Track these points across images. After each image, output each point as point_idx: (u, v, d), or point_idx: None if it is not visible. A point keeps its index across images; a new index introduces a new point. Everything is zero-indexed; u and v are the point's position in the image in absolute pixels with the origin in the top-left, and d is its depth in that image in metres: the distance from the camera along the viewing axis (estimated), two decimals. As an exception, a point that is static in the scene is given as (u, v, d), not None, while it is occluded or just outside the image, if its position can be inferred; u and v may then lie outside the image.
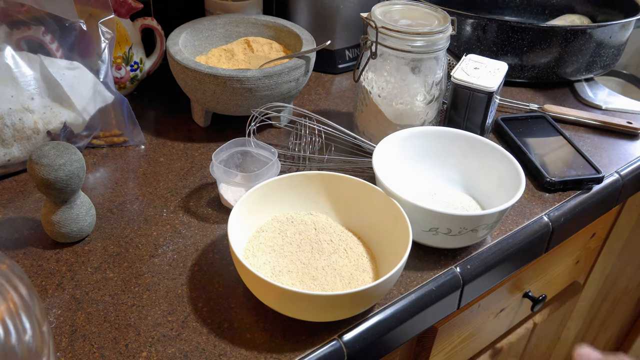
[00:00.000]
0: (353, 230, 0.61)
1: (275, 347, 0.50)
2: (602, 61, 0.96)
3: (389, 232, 0.58)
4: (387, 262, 0.57)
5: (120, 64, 0.81)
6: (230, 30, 0.85)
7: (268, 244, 0.57)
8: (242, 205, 0.57)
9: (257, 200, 0.59)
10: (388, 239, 0.58)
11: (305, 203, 0.62)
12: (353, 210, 0.62)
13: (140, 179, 0.70)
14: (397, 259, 0.53)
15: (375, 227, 0.60)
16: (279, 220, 0.60)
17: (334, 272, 0.55)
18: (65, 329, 0.51)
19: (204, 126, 0.80)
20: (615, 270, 1.13)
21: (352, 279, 0.55)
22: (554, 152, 0.78)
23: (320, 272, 0.55)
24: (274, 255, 0.56)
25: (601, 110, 0.91)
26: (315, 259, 0.56)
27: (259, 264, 0.55)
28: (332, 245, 0.58)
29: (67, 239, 0.59)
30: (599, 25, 0.91)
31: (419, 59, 0.69)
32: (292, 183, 0.61)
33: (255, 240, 0.58)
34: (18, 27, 0.68)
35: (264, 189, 0.59)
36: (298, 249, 0.57)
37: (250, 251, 0.57)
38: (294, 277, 0.54)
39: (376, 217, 0.60)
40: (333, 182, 0.61)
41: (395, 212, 0.57)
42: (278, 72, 0.71)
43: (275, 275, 0.54)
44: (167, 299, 0.54)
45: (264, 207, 0.60)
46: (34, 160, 0.54)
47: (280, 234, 0.59)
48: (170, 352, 0.49)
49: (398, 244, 0.55)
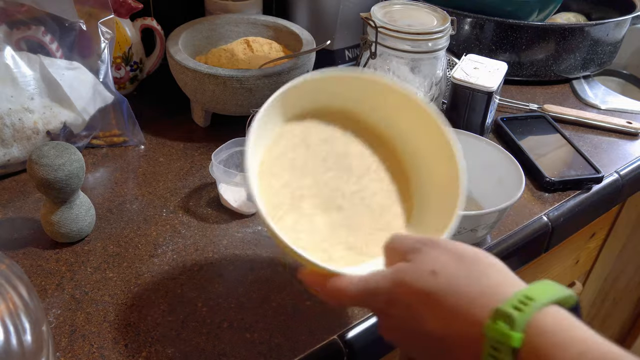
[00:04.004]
0: (389, 140, 0.52)
1: (275, 347, 0.50)
2: (598, 59, 0.96)
3: (432, 157, 0.49)
4: (426, 189, 0.49)
5: (120, 64, 0.81)
6: (230, 30, 0.85)
7: (288, 155, 0.48)
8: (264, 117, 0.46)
9: (281, 104, 0.48)
10: (431, 162, 0.49)
11: (333, 101, 0.51)
12: (394, 124, 0.52)
13: (140, 179, 0.70)
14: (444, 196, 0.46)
15: (416, 149, 0.51)
16: (301, 124, 0.50)
17: (363, 203, 0.48)
18: (65, 328, 0.51)
19: (204, 126, 0.80)
20: (615, 270, 1.13)
21: (382, 213, 0.49)
22: (553, 152, 0.78)
23: (347, 200, 0.48)
24: (295, 173, 0.48)
25: (601, 110, 0.91)
26: (343, 180, 0.49)
27: (277, 186, 0.47)
28: (363, 161, 0.50)
29: (67, 238, 0.59)
30: (596, 23, 0.91)
31: (418, 59, 0.69)
32: (323, 86, 0.49)
33: (273, 150, 0.48)
34: (18, 27, 0.68)
35: (288, 93, 0.47)
36: (323, 165, 0.49)
37: (267, 164, 0.47)
38: (317, 204, 0.47)
39: (418, 140, 0.50)
40: (372, 91, 0.50)
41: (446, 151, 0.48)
42: (278, 72, 0.71)
43: (294, 201, 0.47)
44: (166, 299, 0.54)
45: (283, 112, 0.49)
46: (33, 160, 0.54)
47: (303, 142, 0.49)
48: (170, 352, 0.49)
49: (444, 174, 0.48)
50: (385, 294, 0.39)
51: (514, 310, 0.33)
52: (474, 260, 0.37)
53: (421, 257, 0.39)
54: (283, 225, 0.46)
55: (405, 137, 0.52)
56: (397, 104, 0.50)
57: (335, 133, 0.50)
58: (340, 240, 0.48)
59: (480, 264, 0.37)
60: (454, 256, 0.38)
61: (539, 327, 0.32)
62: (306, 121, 0.50)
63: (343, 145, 0.50)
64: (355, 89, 0.50)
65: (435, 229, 0.47)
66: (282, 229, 0.45)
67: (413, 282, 0.37)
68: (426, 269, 0.37)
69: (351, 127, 0.52)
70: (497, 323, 0.33)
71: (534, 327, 0.32)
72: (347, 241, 0.48)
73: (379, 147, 0.52)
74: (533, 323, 0.32)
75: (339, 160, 0.49)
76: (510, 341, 0.32)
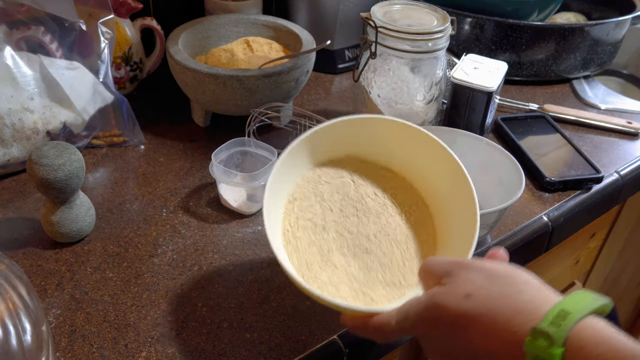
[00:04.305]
0: (396, 171, 0.53)
1: (275, 347, 0.50)
2: (598, 58, 0.96)
3: (441, 181, 0.51)
4: (445, 210, 0.50)
5: (119, 64, 0.81)
6: (230, 30, 0.85)
7: (306, 217, 0.50)
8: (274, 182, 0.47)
9: (288, 164, 0.49)
10: (441, 185, 0.50)
11: (334, 152, 0.53)
12: (395, 154, 0.53)
13: (140, 179, 0.70)
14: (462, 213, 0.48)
15: (424, 170, 0.52)
16: (309, 180, 0.51)
17: (388, 238, 0.50)
18: (65, 328, 0.51)
19: (204, 126, 0.80)
20: (615, 270, 1.13)
21: (408, 242, 0.50)
22: (553, 152, 0.78)
23: (373, 241, 0.49)
24: (317, 230, 0.49)
25: (601, 110, 0.91)
26: (364, 223, 0.50)
27: (303, 246, 0.49)
28: (377, 200, 0.51)
29: (67, 238, 0.59)
30: (596, 23, 0.91)
31: (418, 59, 0.69)
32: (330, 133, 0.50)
33: (291, 214, 0.50)
34: (18, 27, 0.68)
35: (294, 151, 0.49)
36: (341, 215, 0.50)
37: (290, 232, 0.49)
38: (346, 253, 0.49)
39: (425, 163, 0.52)
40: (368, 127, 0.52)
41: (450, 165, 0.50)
42: (278, 72, 0.71)
43: (324, 256, 0.49)
44: (166, 299, 0.54)
45: (290, 170, 0.50)
46: (33, 160, 0.54)
47: (317, 199, 0.51)
48: (170, 352, 0.49)
49: (457, 193, 0.49)
50: (424, 320, 0.40)
51: (551, 327, 0.33)
52: (508, 279, 0.38)
53: (455, 280, 0.40)
54: (320, 283, 0.48)
55: (410, 164, 0.53)
56: (397, 136, 0.52)
57: (344, 180, 0.52)
58: (378, 280, 0.49)
59: (514, 282, 0.38)
60: (488, 277, 0.38)
61: (578, 340, 0.33)
62: (314, 176, 0.52)
63: (354, 190, 0.52)
64: (354, 131, 0.52)
65: (461, 248, 0.48)
66: (320, 286, 0.47)
67: (448, 305, 0.38)
68: (460, 292, 0.38)
69: (358, 168, 0.53)
70: (536, 340, 0.33)
71: (573, 341, 0.33)
72: (384, 279, 0.49)
73: (389, 179, 0.53)
74: (572, 337, 0.33)
75: (355, 205, 0.51)
76: (552, 358, 0.33)
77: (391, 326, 0.42)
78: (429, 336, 0.40)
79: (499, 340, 0.36)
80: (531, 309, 0.35)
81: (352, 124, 0.51)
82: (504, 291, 0.37)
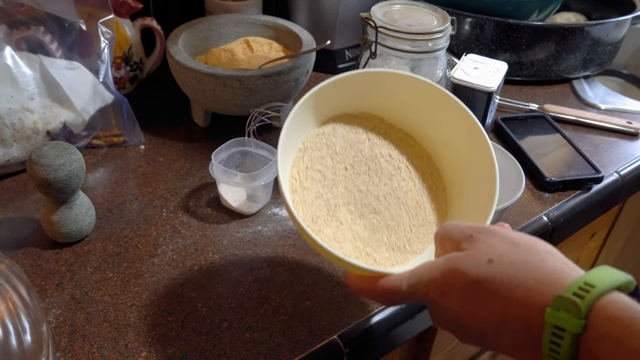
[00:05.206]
0: (413, 136, 0.52)
1: (275, 347, 0.50)
2: (598, 58, 0.97)
3: (460, 148, 0.49)
4: (458, 183, 0.49)
5: (119, 64, 0.81)
6: (230, 30, 0.85)
7: (316, 168, 0.48)
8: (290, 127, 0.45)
9: (302, 114, 0.47)
10: (459, 154, 0.49)
11: (352, 106, 0.51)
12: (414, 115, 0.51)
13: (140, 179, 0.70)
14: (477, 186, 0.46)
15: (443, 137, 0.50)
16: (323, 132, 0.49)
17: (398, 202, 0.48)
18: (65, 328, 0.51)
19: (204, 126, 0.80)
20: (615, 270, 1.13)
21: (418, 209, 0.49)
22: (553, 152, 0.78)
23: (382, 202, 0.48)
24: (326, 183, 0.48)
25: (601, 110, 0.91)
26: (374, 183, 0.49)
27: (310, 198, 0.47)
28: (391, 162, 0.50)
29: (67, 238, 0.59)
30: (596, 23, 0.91)
31: (418, 59, 0.69)
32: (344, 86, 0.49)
33: (300, 164, 0.48)
34: (17, 27, 0.68)
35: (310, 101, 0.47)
36: (352, 171, 0.48)
37: (297, 181, 0.47)
38: (353, 211, 0.47)
39: (444, 128, 0.50)
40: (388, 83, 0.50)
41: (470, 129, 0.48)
42: (278, 72, 0.71)
43: (330, 211, 0.47)
44: (166, 299, 0.54)
45: (305, 120, 0.48)
46: (33, 160, 0.54)
47: (329, 151, 0.49)
48: (170, 352, 0.49)
49: (475, 165, 0.47)
50: (438, 285, 0.38)
51: (575, 297, 0.32)
52: (531, 248, 0.37)
53: (477, 245, 0.38)
54: (324, 237, 0.47)
55: (433, 129, 0.51)
56: (418, 96, 0.50)
57: (360, 136, 0.50)
58: (383, 241, 0.48)
59: (537, 251, 0.37)
60: (511, 244, 0.38)
61: (602, 313, 0.32)
62: (329, 128, 0.50)
63: (369, 148, 0.50)
64: (375, 86, 0.50)
65: (475, 220, 0.46)
66: (325, 241, 0.46)
67: (468, 270, 0.37)
68: (482, 258, 0.37)
69: (376, 127, 0.51)
70: (559, 310, 0.33)
71: (596, 313, 0.32)
72: (390, 242, 0.48)
73: (406, 143, 0.51)
74: (596, 310, 0.32)
75: (367, 163, 0.49)
76: (573, 328, 0.32)
77: (402, 290, 0.40)
78: (440, 303, 0.39)
79: (518, 309, 0.35)
80: (554, 279, 0.35)
81: (372, 78, 0.49)
82: (526, 259, 0.36)
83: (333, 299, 0.55)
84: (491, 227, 0.40)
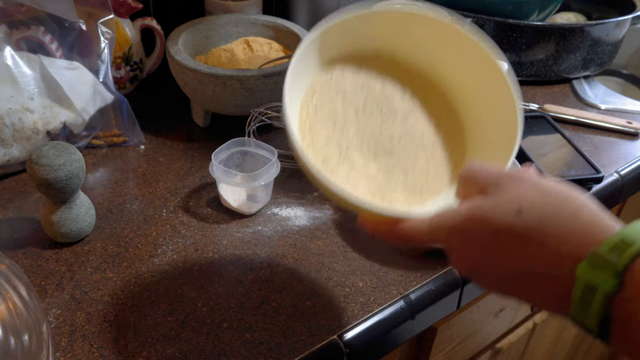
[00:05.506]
0: (428, 75, 0.49)
1: (275, 347, 0.50)
2: (598, 58, 0.97)
3: (478, 88, 0.47)
4: (478, 121, 0.46)
5: (119, 64, 0.81)
6: (230, 30, 0.85)
7: (325, 111, 0.46)
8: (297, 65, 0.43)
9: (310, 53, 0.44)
10: (478, 94, 0.47)
11: (362, 47, 0.48)
12: (427, 56, 0.48)
13: (140, 179, 0.70)
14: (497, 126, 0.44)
15: (459, 77, 0.48)
16: (332, 74, 0.47)
17: (413, 142, 0.46)
18: (65, 328, 0.51)
19: (204, 126, 0.80)
20: (615, 270, 1.13)
21: (435, 149, 0.46)
22: (553, 152, 0.78)
23: (397, 144, 0.46)
24: (336, 127, 0.45)
25: (601, 110, 0.91)
26: (388, 124, 0.46)
27: (320, 143, 0.45)
28: (404, 102, 0.47)
29: (67, 238, 0.59)
30: (596, 23, 0.91)
31: (418, 59, 0.69)
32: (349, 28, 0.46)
33: (309, 107, 0.46)
34: (17, 27, 0.68)
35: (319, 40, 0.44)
36: (364, 113, 0.46)
37: (306, 125, 0.45)
38: (366, 153, 0.45)
39: (461, 68, 0.47)
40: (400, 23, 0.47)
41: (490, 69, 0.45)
42: (278, 72, 0.71)
43: (342, 154, 0.45)
44: (166, 299, 0.54)
45: (312, 61, 0.46)
46: (33, 160, 0.54)
47: (338, 94, 0.47)
48: (170, 352, 0.49)
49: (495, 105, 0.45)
50: (461, 232, 0.37)
51: (611, 254, 0.31)
52: (565, 199, 0.35)
53: (505, 192, 0.36)
54: (336, 180, 0.44)
55: (448, 69, 0.49)
56: (435, 36, 0.47)
57: (371, 77, 0.47)
58: (398, 183, 0.46)
59: (571, 202, 0.35)
60: (543, 193, 0.35)
61: (638, 271, 0.30)
62: (338, 69, 0.47)
63: (381, 88, 0.47)
64: (389, 26, 0.47)
65: (497, 161, 0.44)
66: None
67: (494, 219, 0.35)
68: (511, 207, 0.35)
69: (387, 68, 0.49)
70: (592, 267, 0.31)
71: (633, 273, 0.30)
72: (406, 183, 0.46)
73: (420, 85, 0.49)
74: (632, 268, 0.30)
75: (380, 105, 0.46)
76: (608, 286, 0.30)
77: (422, 234, 0.38)
78: (460, 251, 0.37)
79: (547, 262, 0.33)
80: (588, 232, 0.33)
81: (384, 18, 0.46)
82: (558, 210, 0.34)
83: (333, 299, 0.55)
84: (520, 172, 0.37)
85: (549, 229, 0.34)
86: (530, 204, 0.35)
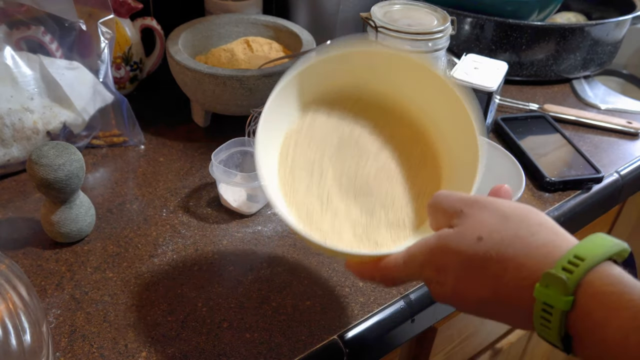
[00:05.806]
0: (394, 109, 0.50)
1: (275, 347, 0.50)
2: (598, 59, 0.97)
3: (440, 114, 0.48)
4: (447, 147, 0.47)
5: (119, 64, 0.81)
6: (230, 30, 0.85)
7: (300, 165, 0.47)
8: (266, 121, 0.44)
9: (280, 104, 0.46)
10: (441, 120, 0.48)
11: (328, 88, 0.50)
12: (391, 89, 0.50)
13: (140, 179, 0.70)
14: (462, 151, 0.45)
15: (422, 106, 0.49)
16: (301, 127, 0.48)
17: (389, 178, 0.47)
18: (65, 328, 0.51)
19: (204, 126, 0.80)
20: (615, 270, 1.13)
21: (411, 181, 0.47)
22: (553, 152, 0.78)
23: (373, 182, 0.47)
24: (314, 177, 0.47)
25: (601, 110, 0.91)
26: (362, 165, 0.47)
27: (300, 197, 0.46)
28: (375, 139, 0.49)
29: (67, 238, 0.59)
30: (596, 23, 0.92)
31: (418, 59, 0.69)
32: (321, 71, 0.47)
33: (287, 157, 0.47)
34: (17, 27, 0.68)
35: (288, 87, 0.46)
36: (337, 158, 0.47)
37: (286, 181, 0.47)
38: (346, 197, 0.46)
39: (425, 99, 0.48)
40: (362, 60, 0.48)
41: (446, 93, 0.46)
42: (278, 72, 0.71)
43: (324, 204, 0.46)
44: (166, 299, 0.54)
45: (282, 110, 0.47)
46: (33, 160, 0.54)
47: (312, 141, 0.48)
48: (170, 352, 0.49)
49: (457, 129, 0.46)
50: (432, 264, 0.38)
51: (563, 273, 0.32)
52: (522, 221, 0.36)
53: (467, 221, 0.38)
54: (323, 232, 0.46)
55: (409, 98, 0.50)
56: (395, 69, 0.49)
57: (339, 121, 0.49)
58: (381, 221, 0.47)
59: (528, 224, 0.36)
60: (502, 218, 0.37)
61: (590, 288, 0.31)
62: (310, 114, 0.49)
63: (350, 129, 0.49)
64: (350, 65, 0.49)
65: (465, 182, 0.45)
66: (324, 236, 0.45)
67: (458, 248, 0.37)
68: (472, 235, 0.36)
69: (354, 107, 0.50)
70: (547, 287, 0.32)
71: (585, 288, 0.31)
72: (388, 220, 0.47)
73: (387, 117, 0.50)
74: (584, 285, 0.31)
75: (352, 145, 0.48)
76: (561, 305, 0.31)
77: (399, 269, 0.40)
78: (437, 281, 0.38)
79: (509, 286, 0.34)
80: (544, 253, 0.34)
81: (343, 59, 0.48)
82: (517, 234, 0.35)
83: (333, 299, 0.55)
84: (482, 199, 0.39)
85: (508, 254, 0.35)
86: (490, 232, 0.36)
